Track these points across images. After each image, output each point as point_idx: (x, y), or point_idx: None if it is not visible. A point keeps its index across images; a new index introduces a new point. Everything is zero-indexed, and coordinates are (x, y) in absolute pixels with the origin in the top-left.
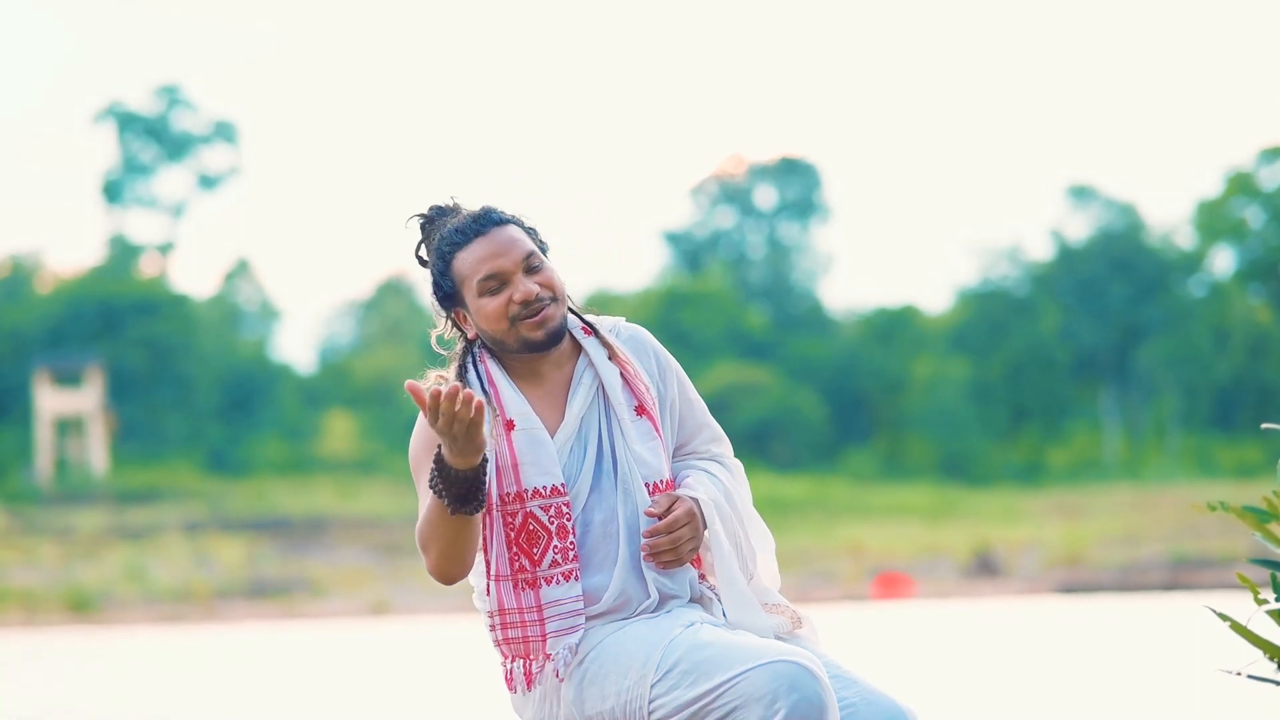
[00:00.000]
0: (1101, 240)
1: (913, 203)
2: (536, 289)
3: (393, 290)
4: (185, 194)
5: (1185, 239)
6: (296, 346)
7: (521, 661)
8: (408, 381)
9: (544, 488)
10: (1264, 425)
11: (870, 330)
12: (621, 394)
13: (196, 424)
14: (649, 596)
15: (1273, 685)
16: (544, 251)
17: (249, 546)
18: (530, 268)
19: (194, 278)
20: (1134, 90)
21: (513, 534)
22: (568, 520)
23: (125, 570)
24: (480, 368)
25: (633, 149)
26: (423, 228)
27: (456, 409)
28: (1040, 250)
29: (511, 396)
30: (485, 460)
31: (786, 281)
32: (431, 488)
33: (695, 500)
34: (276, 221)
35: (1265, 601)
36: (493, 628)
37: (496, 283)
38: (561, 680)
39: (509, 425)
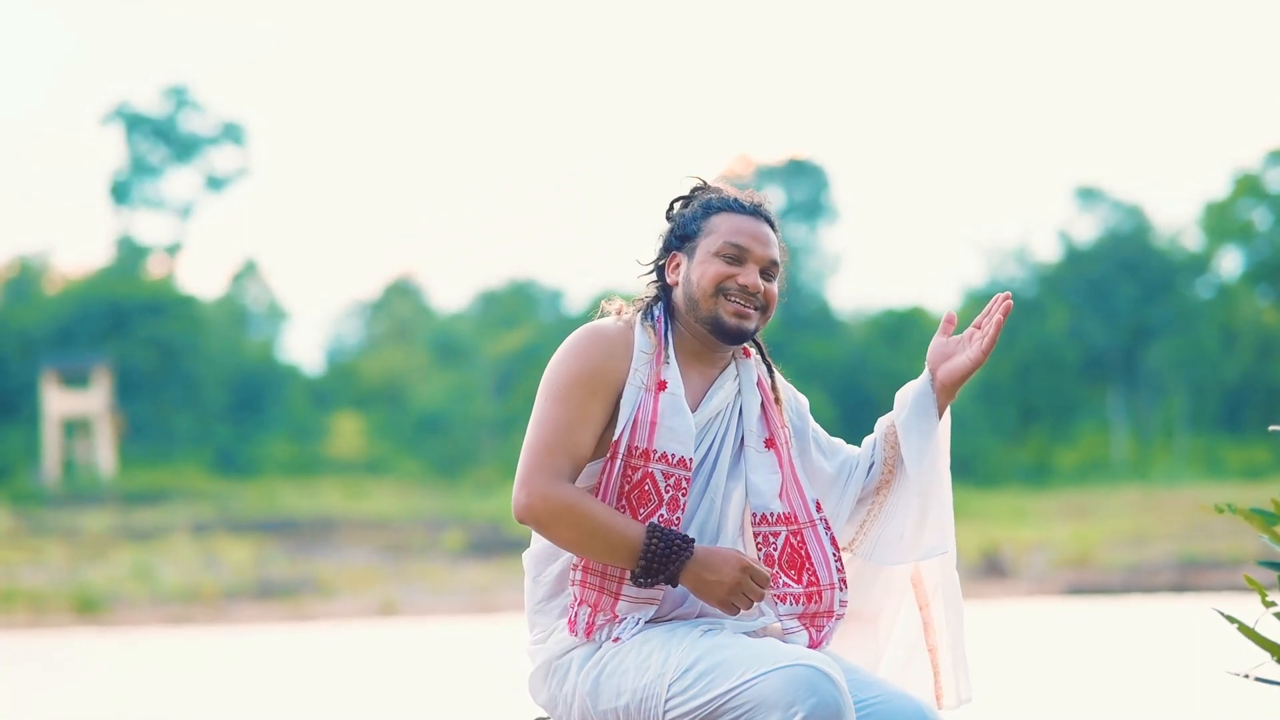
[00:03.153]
0: (1109, 241)
1: (920, 204)
2: (762, 285)
3: (401, 291)
4: (193, 195)
5: (1193, 240)
6: (304, 347)
7: (588, 609)
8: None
9: (671, 455)
10: (1271, 427)
11: (878, 331)
12: (756, 423)
13: (204, 425)
14: (686, 603)
15: None
16: (779, 275)
17: (257, 547)
18: (766, 271)
19: (202, 278)
20: (1141, 91)
21: (628, 487)
22: (682, 494)
23: (133, 571)
24: (659, 320)
25: (639, 150)
26: (693, 190)
27: (764, 598)
28: (1048, 251)
29: (674, 363)
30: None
31: (794, 282)
32: (646, 546)
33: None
34: (284, 222)
35: (1273, 604)
36: (575, 567)
37: (735, 256)
38: (617, 641)
39: (661, 385)
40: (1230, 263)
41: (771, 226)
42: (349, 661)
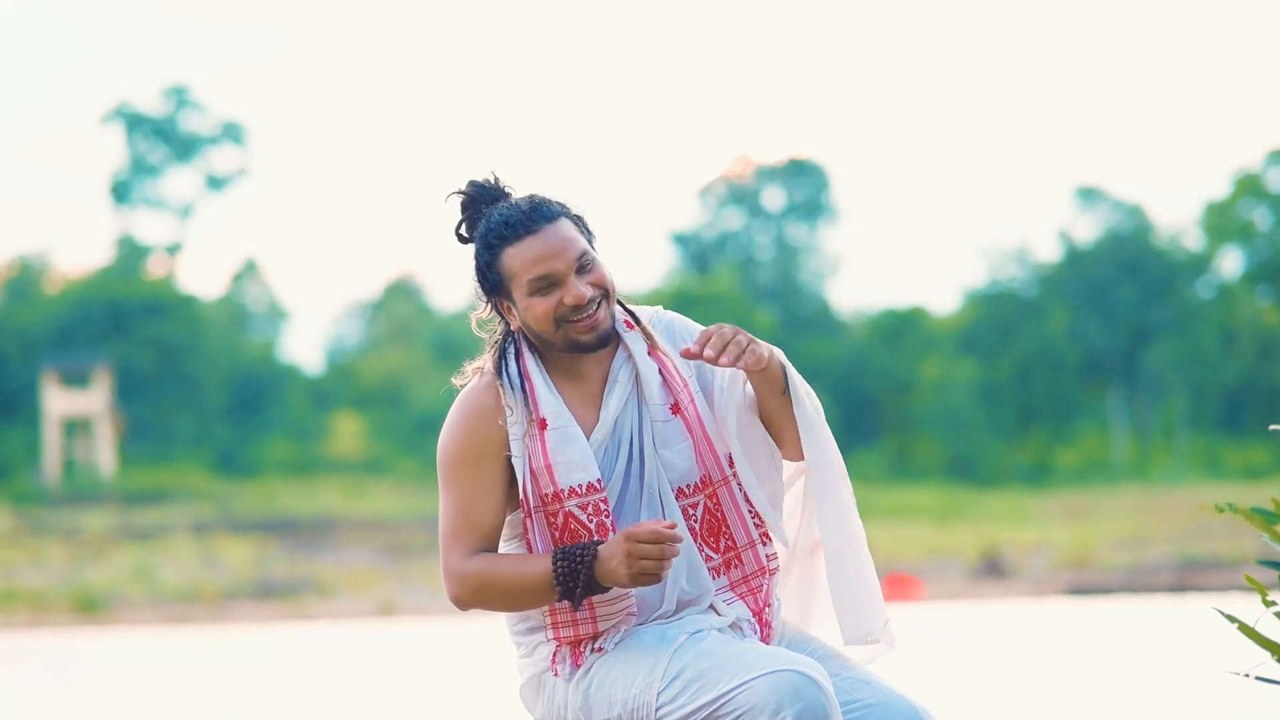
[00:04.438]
0: (1110, 242)
1: (921, 204)
2: (589, 291)
3: (400, 291)
4: (193, 195)
5: (1193, 240)
6: (304, 347)
7: (570, 649)
8: (666, 524)
9: (580, 486)
10: (1272, 427)
11: (878, 331)
12: (658, 393)
13: (204, 425)
14: (662, 605)
15: None
16: (591, 243)
17: (257, 547)
18: (582, 267)
19: (202, 278)
20: (1142, 92)
21: (556, 534)
22: (606, 517)
23: (133, 571)
24: (518, 363)
25: (641, 150)
26: (463, 206)
27: (667, 553)
28: (1048, 252)
29: (546, 394)
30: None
31: (794, 283)
32: (557, 571)
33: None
34: (284, 222)
35: (1273, 603)
36: (546, 626)
37: (547, 284)
38: (601, 651)
39: (542, 424)
40: (1231, 263)
41: (552, 218)
42: (348, 661)
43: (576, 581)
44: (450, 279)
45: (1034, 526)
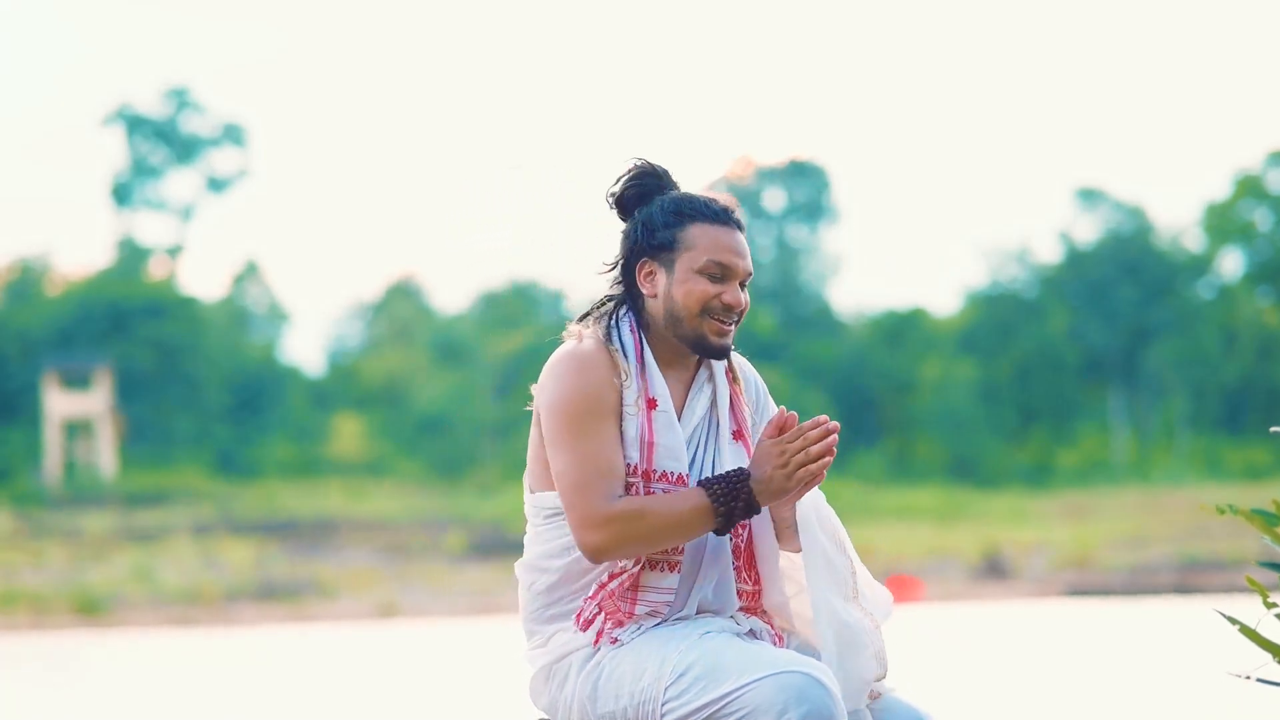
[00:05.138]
0: (1110, 242)
1: (921, 205)
2: (744, 301)
3: (401, 292)
4: (194, 196)
5: (1194, 241)
6: (305, 348)
7: (601, 617)
8: (787, 411)
9: (670, 473)
10: (1272, 428)
11: (879, 332)
12: (728, 415)
13: (205, 426)
14: (684, 609)
15: None
16: None
17: (258, 548)
18: (742, 283)
19: (203, 280)
20: (1142, 92)
21: None
22: None
23: (134, 572)
24: (630, 336)
25: (641, 152)
26: (640, 175)
27: (818, 449)
28: (1049, 252)
29: (655, 373)
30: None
31: (795, 283)
32: (714, 495)
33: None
34: (285, 224)
35: (1274, 605)
36: (601, 585)
37: (720, 274)
38: (616, 643)
39: (651, 402)
40: (1231, 264)
41: (742, 229)
42: (350, 663)
43: (737, 500)
44: (451, 280)
45: (1034, 527)
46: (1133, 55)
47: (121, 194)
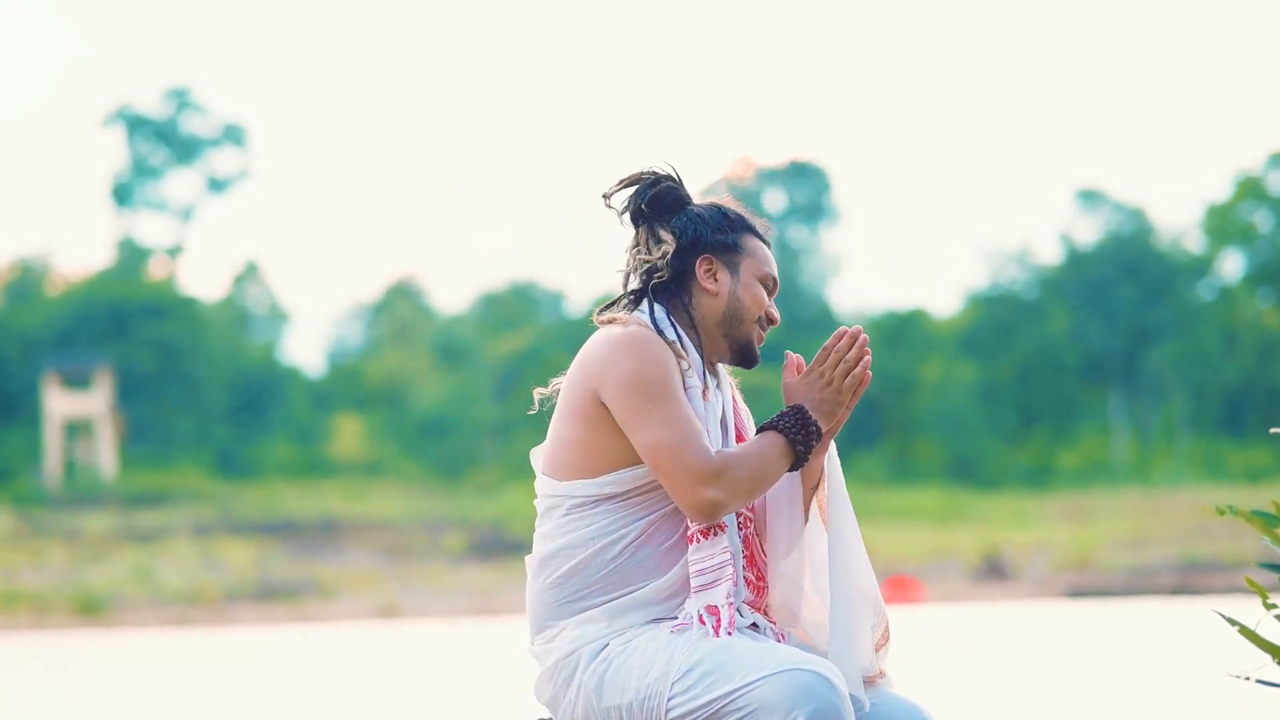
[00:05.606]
0: (1110, 244)
1: (922, 206)
2: (779, 318)
3: (402, 293)
4: (194, 197)
5: (1194, 243)
6: (305, 349)
7: (727, 611)
8: (789, 353)
9: None
10: (1273, 429)
11: (879, 333)
12: (732, 418)
13: (205, 426)
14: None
15: None
16: None
17: (258, 549)
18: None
19: (203, 280)
20: (1143, 93)
21: None
22: None
23: (134, 573)
24: (675, 327)
25: (642, 151)
26: (665, 178)
27: (855, 355)
28: (1049, 253)
29: (700, 365)
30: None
31: (795, 284)
32: (786, 430)
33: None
34: (285, 224)
35: (1274, 606)
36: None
37: (771, 288)
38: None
39: (704, 392)
40: (1231, 265)
41: None
42: (350, 664)
43: (807, 426)
44: (451, 281)
45: (1035, 528)
46: (1133, 55)
47: (122, 194)
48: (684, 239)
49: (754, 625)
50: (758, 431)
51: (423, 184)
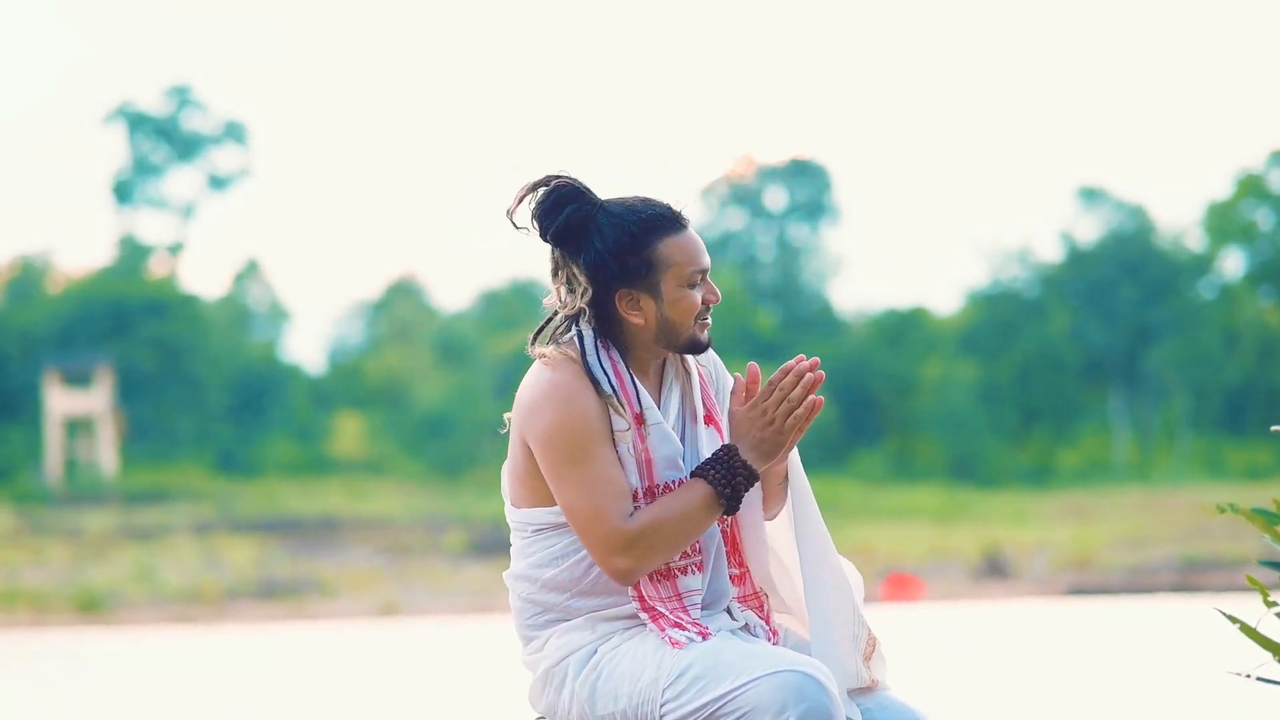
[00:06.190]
0: (1111, 242)
1: (922, 204)
2: (719, 293)
3: (402, 291)
4: (195, 194)
5: (1195, 241)
6: (306, 347)
7: (678, 629)
8: (750, 365)
9: (673, 483)
10: (1274, 428)
11: (880, 332)
12: (698, 402)
13: (206, 425)
14: (709, 600)
15: None
16: None
17: (259, 547)
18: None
19: (204, 278)
20: (1144, 92)
21: None
22: None
23: (134, 571)
24: (605, 356)
25: (643, 150)
26: (563, 200)
27: (799, 394)
28: (1050, 252)
29: (639, 391)
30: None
31: (796, 283)
32: (714, 481)
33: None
34: (286, 222)
35: (1275, 604)
36: (638, 612)
37: (700, 278)
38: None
39: (639, 418)
40: (1233, 263)
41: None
42: (350, 662)
43: (736, 474)
44: (452, 279)
45: (1035, 527)
46: (1133, 55)
47: (122, 192)
48: (596, 281)
49: (745, 627)
50: (693, 473)
51: (423, 183)
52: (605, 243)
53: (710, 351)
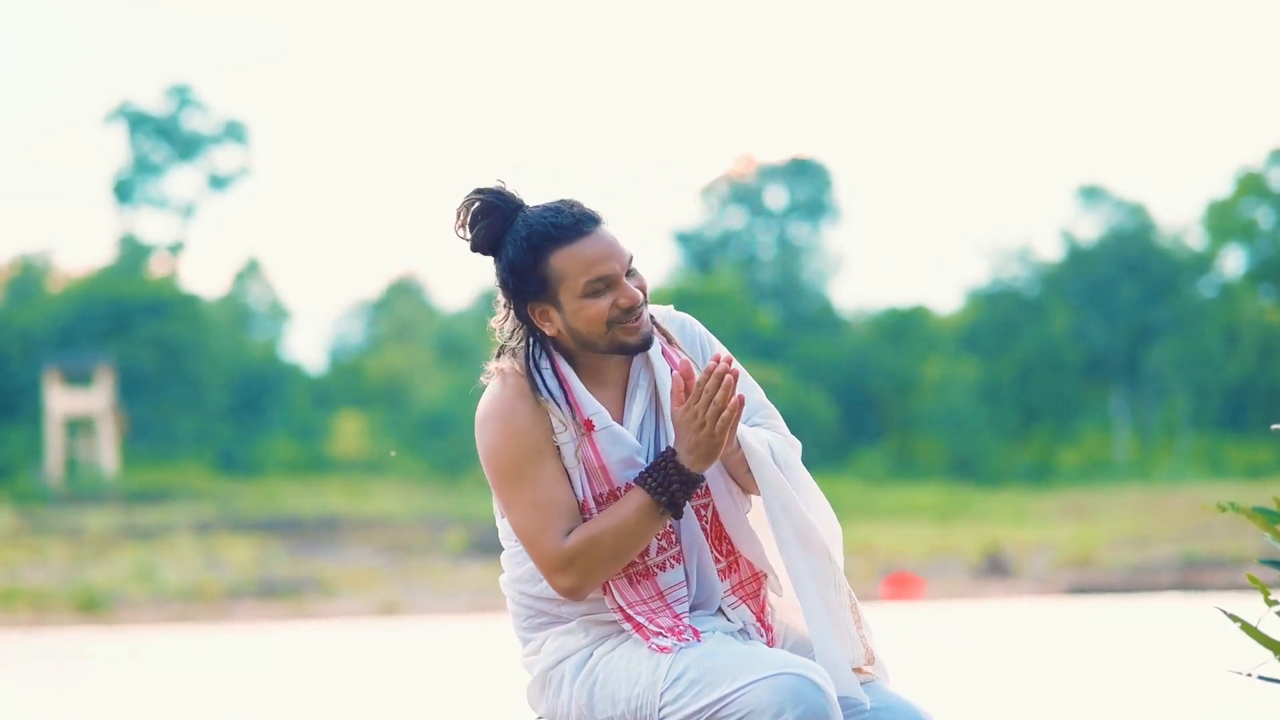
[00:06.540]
0: (1112, 241)
1: (923, 203)
2: (640, 294)
3: (403, 290)
4: (195, 194)
5: (1196, 239)
6: (307, 346)
7: (662, 637)
8: (683, 360)
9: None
10: (1274, 426)
11: (880, 331)
12: (668, 393)
13: (207, 424)
14: (696, 592)
15: None
16: None
17: (259, 547)
18: (629, 271)
19: (204, 278)
20: (1144, 90)
21: None
22: None
23: (135, 570)
24: (552, 368)
25: (643, 149)
26: (482, 212)
27: (722, 397)
28: (1050, 251)
29: (584, 396)
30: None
31: (797, 282)
32: (651, 489)
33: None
34: (286, 221)
35: (1276, 602)
36: (619, 620)
37: (604, 285)
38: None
39: (588, 425)
40: (1233, 262)
41: (598, 222)
42: (351, 661)
43: (671, 481)
44: (452, 278)
45: (1036, 526)
46: (1133, 54)
47: (123, 192)
48: (508, 295)
49: (742, 629)
50: (633, 483)
51: (423, 183)
52: (507, 258)
53: (693, 325)
